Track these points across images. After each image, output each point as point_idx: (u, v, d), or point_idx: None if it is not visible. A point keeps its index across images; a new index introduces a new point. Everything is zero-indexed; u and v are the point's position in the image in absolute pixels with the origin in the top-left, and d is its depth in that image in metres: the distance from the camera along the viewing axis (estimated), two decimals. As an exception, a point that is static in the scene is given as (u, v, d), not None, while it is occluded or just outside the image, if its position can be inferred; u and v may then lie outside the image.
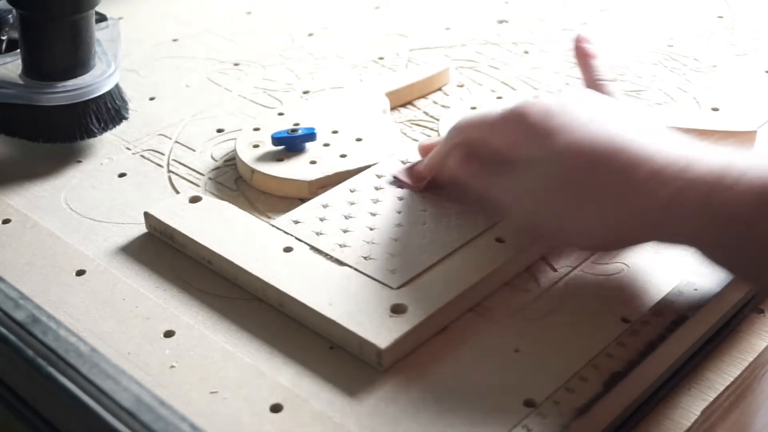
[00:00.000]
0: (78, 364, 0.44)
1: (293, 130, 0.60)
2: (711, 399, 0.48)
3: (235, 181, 0.60)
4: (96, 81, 0.61)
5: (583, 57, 0.58)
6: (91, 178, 0.61)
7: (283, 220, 0.54)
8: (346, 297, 0.48)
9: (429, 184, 0.55)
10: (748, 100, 0.67)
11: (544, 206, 0.48)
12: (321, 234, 0.52)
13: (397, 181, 0.56)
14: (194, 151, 0.63)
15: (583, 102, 0.50)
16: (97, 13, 0.64)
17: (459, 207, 0.54)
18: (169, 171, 0.61)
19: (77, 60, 0.60)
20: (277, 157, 0.59)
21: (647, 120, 0.50)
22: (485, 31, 0.79)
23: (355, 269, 0.50)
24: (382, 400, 0.44)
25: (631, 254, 0.52)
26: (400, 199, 0.55)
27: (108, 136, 0.64)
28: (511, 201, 0.50)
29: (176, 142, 0.64)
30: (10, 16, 0.65)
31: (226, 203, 0.55)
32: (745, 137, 0.61)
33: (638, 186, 0.45)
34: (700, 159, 0.45)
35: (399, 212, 0.54)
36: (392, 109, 0.67)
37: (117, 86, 0.63)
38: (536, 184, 0.48)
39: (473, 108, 0.65)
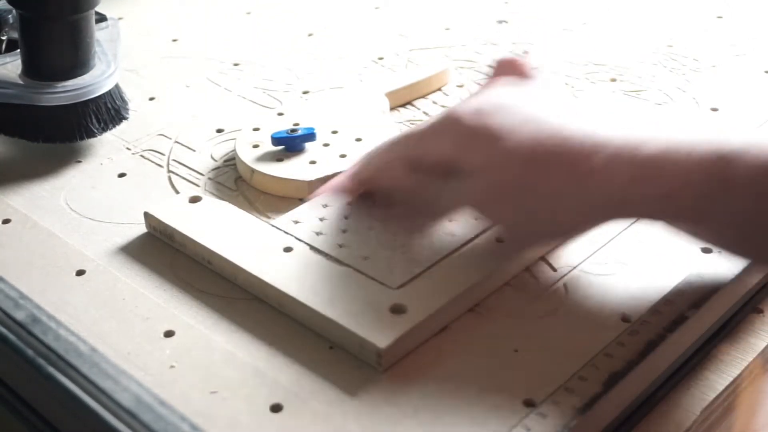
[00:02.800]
0: (78, 364, 0.44)
1: (293, 130, 0.60)
2: (711, 399, 0.48)
3: (234, 181, 0.60)
4: (96, 81, 0.61)
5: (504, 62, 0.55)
6: (91, 178, 0.61)
7: (283, 220, 0.54)
8: (346, 297, 0.48)
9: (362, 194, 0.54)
10: (748, 100, 0.67)
11: (499, 207, 0.48)
12: (321, 234, 0.52)
13: (327, 195, 0.54)
14: (194, 151, 0.63)
15: (514, 94, 0.49)
16: (97, 13, 0.64)
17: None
18: (169, 171, 0.61)
19: (77, 60, 0.60)
20: (276, 157, 0.59)
21: (581, 102, 0.50)
22: (485, 31, 0.79)
23: (355, 269, 0.50)
24: (382, 400, 0.44)
25: (632, 254, 0.52)
26: (400, 199, 0.55)
27: (108, 136, 0.64)
28: (459, 205, 0.50)
29: (176, 142, 0.64)
30: (10, 16, 0.65)
31: (226, 203, 0.55)
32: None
33: (597, 172, 0.45)
34: (648, 139, 0.45)
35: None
36: (392, 109, 0.67)
37: (117, 86, 0.63)
38: (487, 188, 0.47)
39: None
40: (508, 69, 0.54)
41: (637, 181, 0.45)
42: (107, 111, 0.62)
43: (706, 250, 0.52)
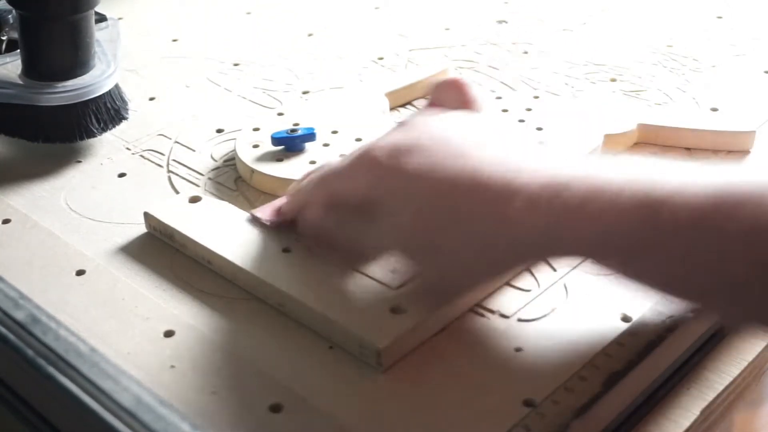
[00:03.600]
0: (78, 364, 0.44)
1: (293, 130, 0.60)
2: (711, 399, 0.48)
3: (234, 181, 0.60)
4: (96, 81, 0.61)
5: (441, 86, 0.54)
6: (91, 178, 0.61)
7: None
8: (346, 297, 0.48)
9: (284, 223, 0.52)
10: (748, 101, 0.67)
11: (414, 249, 0.46)
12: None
13: (252, 218, 0.53)
14: (194, 151, 0.63)
15: (432, 130, 0.47)
16: (97, 13, 0.64)
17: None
18: (169, 171, 0.61)
19: (77, 60, 0.60)
20: (276, 157, 0.59)
21: (505, 136, 0.48)
22: (485, 31, 0.79)
23: (355, 269, 0.49)
24: (382, 400, 0.44)
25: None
26: (400, 199, 0.55)
27: (108, 136, 0.64)
28: (380, 246, 0.48)
29: (176, 142, 0.64)
30: (10, 16, 0.65)
31: (225, 203, 0.55)
32: (744, 137, 0.61)
33: (512, 216, 0.43)
34: (572, 180, 0.42)
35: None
36: (392, 109, 0.67)
37: (117, 86, 0.63)
38: (401, 229, 0.46)
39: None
40: (447, 92, 0.52)
41: (553, 228, 0.42)
42: (107, 111, 0.62)
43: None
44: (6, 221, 0.57)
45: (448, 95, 0.52)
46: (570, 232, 0.43)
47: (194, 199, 0.55)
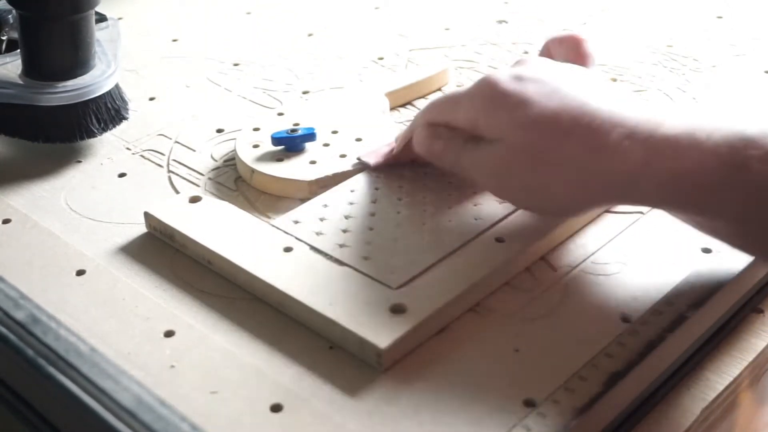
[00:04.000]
0: (78, 364, 0.44)
1: (293, 130, 0.60)
2: (711, 399, 0.48)
3: (234, 181, 0.60)
4: (96, 81, 0.61)
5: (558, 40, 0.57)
6: (91, 178, 0.61)
7: (283, 220, 0.54)
8: (346, 297, 0.48)
9: (393, 162, 0.57)
10: (748, 100, 0.67)
11: (510, 175, 0.49)
12: (321, 234, 0.52)
13: (360, 162, 0.58)
14: (194, 151, 0.63)
15: (549, 68, 0.50)
16: (97, 13, 0.64)
17: (458, 208, 0.54)
18: (169, 171, 0.61)
19: (77, 60, 0.60)
20: (276, 157, 0.59)
21: (613, 86, 0.50)
22: (485, 31, 0.79)
23: (355, 269, 0.50)
24: (382, 400, 0.44)
25: (632, 254, 0.52)
26: (399, 199, 0.55)
27: (108, 136, 0.64)
28: (482, 173, 0.50)
29: (176, 142, 0.64)
30: (10, 16, 0.65)
31: (226, 203, 0.55)
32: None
33: (612, 148, 0.45)
34: (669, 119, 0.45)
35: (399, 212, 0.54)
36: (392, 109, 0.67)
37: (117, 86, 0.63)
38: (507, 154, 0.48)
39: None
40: (561, 45, 0.55)
41: (650, 161, 0.45)
42: (107, 111, 0.62)
43: (706, 251, 0.52)
44: (6, 221, 0.57)
45: (562, 48, 0.55)
46: (662, 167, 0.44)
47: (194, 199, 0.55)
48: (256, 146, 0.60)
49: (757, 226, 0.45)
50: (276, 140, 0.59)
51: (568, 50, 0.55)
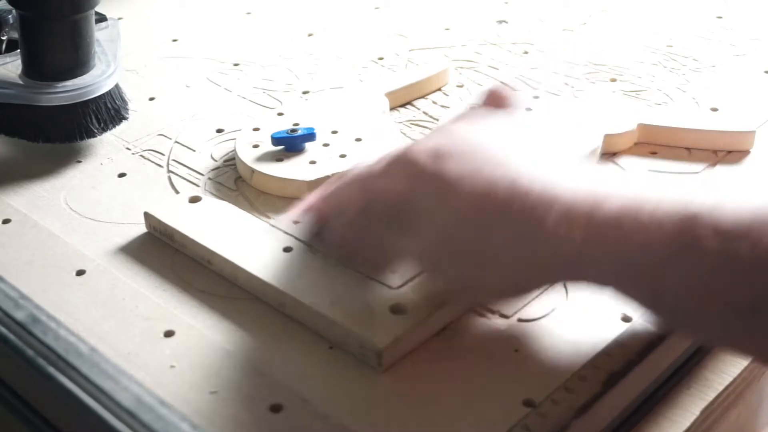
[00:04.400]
0: (78, 364, 0.44)
1: (293, 130, 0.60)
2: (711, 399, 0.48)
3: (234, 181, 0.60)
4: (96, 81, 0.61)
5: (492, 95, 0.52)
6: (91, 178, 0.61)
7: (283, 220, 0.54)
8: (346, 297, 0.48)
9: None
10: (748, 101, 0.67)
11: (442, 261, 0.45)
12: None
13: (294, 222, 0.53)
14: (194, 151, 0.63)
15: (472, 137, 0.46)
16: (97, 13, 0.64)
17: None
18: (169, 171, 0.61)
19: (77, 60, 0.60)
20: (276, 157, 0.59)
21: (547, 148, 0.46)
22: (485, 31, 0.79)
23: (355, 269, 0.50)
24: (382, 400, 0.44)
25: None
26: (400, 199, 0.55)
27: (108, 136, 0.64)
28: (406, 254, 0.47)
29: (176, 142, 0.64)
30: (10, 16, 0.65)
31: (225, 203, 0.55)
32: (744, 137, 0.61)
33: (549, 229, 0.42)
34: (610, 195, 0.42)
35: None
36: (392, 109, 0.67)
37: (117, 86, 0.63)
38: (432, 239, 0.44)
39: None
40: (494, 100, 0.51)
41: (592, 240, 0.41)
42: (107, 111, 0.62)
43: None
44: (6, 221, 0.57)
45: (494, 103, 0.51)
46: (605, 247, 0.41)
47: (194, 199, 0.55)
48: (256, 146, 0.60)
49: (710, 308, 0.40)
50: (276, 140, 0.59)
51: (491, 102, 0.51)
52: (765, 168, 0.60)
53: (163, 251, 0.54)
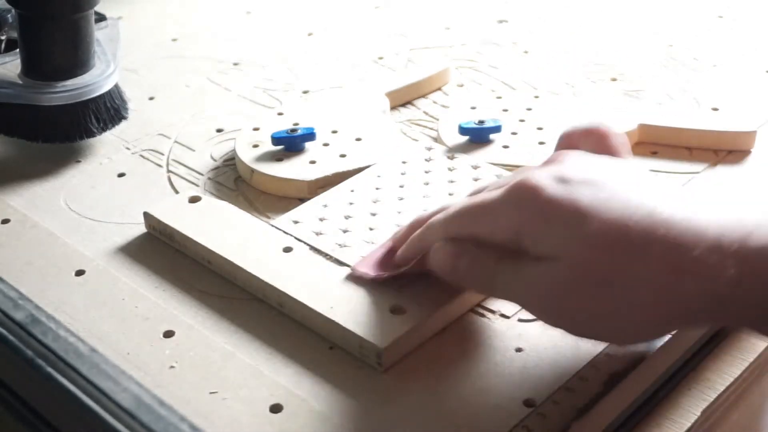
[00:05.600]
0: (77, 365, 0.44)
1: (293, 130, 0.60)
2: (711, 399, 0.48)
3: (234, 181, 0.60)
4: (95, 81, 0.61)
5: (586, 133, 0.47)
6: (90, 178, 0.61)
7: (283, 220, 0.54)
8: (346, 297, 0.48)
9: (401, 276, 0.48)
10: (748, 100, 0.67)
11: (577, 299, 0.40)
12: (321, 234, 0.52)
13: (355, 273, 0.49)
14: (194, 151, 0.63)
15: (595, 166, 0.42)
16: (97, 13, 0.64)
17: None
18: (169, 171, 0.61)
19: (77, 60, 0.60)
20: (276, 157, 0.59)
21: (670, 183, 0.43)
22: (485, 31, 0.79)
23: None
24: (382, 400, 0.44)
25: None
26: (401, 199, 0.55)
27: (107, 135, 0.64)
28: (530, 296, 0.42)
29: (176, 142, 0.64)
30: (9, 15, 0.65)
31: (225, 203, 0.55)
32: (744, 137, 0.61)
33: (697, 265, 0.38)
34: (760, 224, 0.38)
35: (399, 213, 0.54)
36: (392, 109, 0.67)
37: (116, 86, 0.63)
38: (565, 275, 0.39)
39: (480, 123, 0.60)
40: (583, 140, 0.46)
41: (744, 278, 0.37)
42: (107, 111, 0.62)
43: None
44: (5, 221, 0.57)
45: (589, 143, 0.46)
46: (761, 280, 0.37)
47: (194, 199, 0.55)
48: (255, 146, 0.60)
49: None
50: (276, 140, 0.59)
51: (595, 145, 0.45)
52: (766, 168, 0.60)
53: (162, 251, 0.54)
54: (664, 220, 0.38)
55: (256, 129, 0.62)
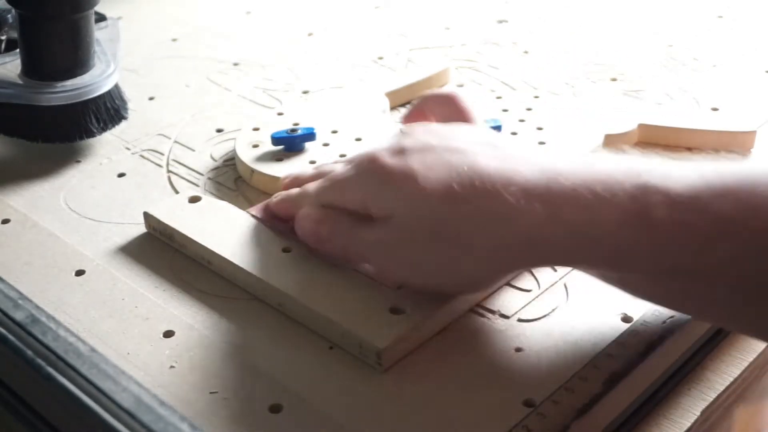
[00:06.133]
0: (77, 365, 0.44)
1: (293, 130, 0.60)
2: (711, 399, 0.48)
3: (234, 181, 0.60)
4: (95, 81, 0.61)
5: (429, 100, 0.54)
6: (90, 178, 0.61)
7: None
8: (346, 297, 0.48)
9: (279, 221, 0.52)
10: (748, 100, 0.67)
11: (413, 254, 0.45)
12: (321, 234, 0.52)
13: (252, 216, 0.53)
14: (194, 151, 0.63)
15: (431, 135, 0.47)
16: (97, 13, 0.64)
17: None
18: (169, 171, 0.61)
19: (77, 60, 0.60)
20: (276, 157, 0.59)
21: (500, 138, 0.47)
22: (485, 31, 0.79)
23: (355, 269, 0.49)
24: (382, 400, 0.44)
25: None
26: (400, 199, 0.55)
27: (107, 136, 0.64)
28: (375, 255, 0.47)
29: (176, 142, 0.64)
30: (9, 15, 0.65)
31: (225, 203, 0.55)
32: (744, 137, 0.61)
33: (509, 209, 0.42)
34: (567, 169, 0.42)
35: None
36: (392, 109, 0.67)
37: (116, 86, 0.63)
38: (400, 232, 0.45)
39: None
40: (438, 105, 0.53)
41: (550, 218, 0.42)
42: (107, 111, 0.62)
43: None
44: (6, 221, 0.57)
45: (438, 108, 0.53)
46: (566, 224, 0.42)
47: (194, 199, 0.55)
48: (255, 146, 0.60)
49: (669, 278, 0.42)
50: (276, 140, 0.59)
51: (444, 109, 0.52)
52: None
53: (162, 251, 0.54)
54: (481, 172, 0.43)
55: (256, 129, 0.62)
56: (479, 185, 0.43)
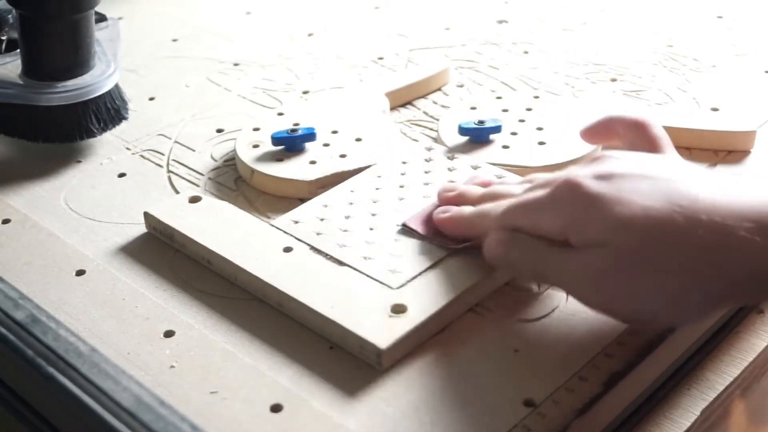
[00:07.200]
0: (78, 364, 0.44)
1: (293, 130, 0.60)
2: (711, 399, 0.48)
3: (234, 181, 0.60)
4: (96, 81, 0.61)
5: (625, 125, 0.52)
6: (90, 178, 0.61)
7: (283, 220, 0.54)
8: (346, 297, 0.48)
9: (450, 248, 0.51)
10: (748, 100, 0.67)
11: (623, 283, 0.42)
12: (321, 234, 0.52)
13: (407, 230, 0.52)
14: (194, 151, 0.63)
15: (635, 162, 0.45)
16: (97, 13, 0.64)
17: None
18: (169, 171, 0.61)
19: (77, 60, 0.60)
20: (276, 157, 0.59)
21: (708, 172, 0.45)
22: (485, 31, 0.79)
23: (355, 269, 0.50)
24: (382, 400, 0.44)
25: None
26: (401, 199, 0.55)
27: (108, 136, 0.64)
28: (578, 283, 0.44)
29: (176, 142, 0.64)
30: (10, 16, 0.65)
31: (225, 203, 0.55)
32: (744, 137, 0.61)
33: (741, 244, 0.40)
34: None
35: (399, 212, 0.54)
36: (392, 109, 0.67)
37: (117, 86, 0.63)
38: (610, 260, 0.42)
39: (480, 123, 0.60)
40: (627, 129, 0.51)
41: None
42: (107, 111, 0.62)
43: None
44: (6, 221, 0.57)
45: (629, 133, 0.51)
46: None
47: (194, 199, 0.55)
48: (256, 146, 0.60)
49: None
50: (276, 140, 0.59)
51: (633, 134, 0.51)
52: (765, 168, 0.60)
53: (162, 251, 0.54)
54: (708, 205, 0.41)
55: (256, 129, 0.62)
56: (708, 218, 0.41)
